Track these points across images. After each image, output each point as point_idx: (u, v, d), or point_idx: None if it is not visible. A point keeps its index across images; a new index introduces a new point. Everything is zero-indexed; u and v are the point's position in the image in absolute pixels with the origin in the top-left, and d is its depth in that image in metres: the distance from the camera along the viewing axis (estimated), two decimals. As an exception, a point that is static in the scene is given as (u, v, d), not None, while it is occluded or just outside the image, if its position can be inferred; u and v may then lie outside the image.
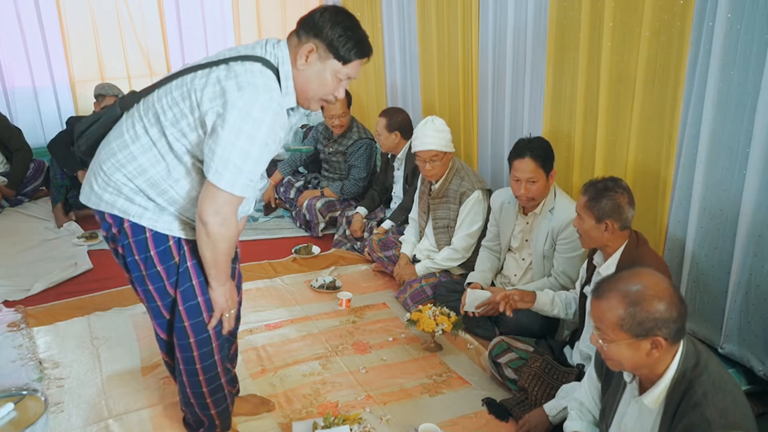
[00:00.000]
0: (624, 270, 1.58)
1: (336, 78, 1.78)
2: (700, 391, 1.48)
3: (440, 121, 3.23)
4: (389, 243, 3.69)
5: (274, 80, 1.71)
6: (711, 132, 2.28)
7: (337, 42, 1.73)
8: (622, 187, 2.21)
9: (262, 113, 1.64)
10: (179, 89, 1.72)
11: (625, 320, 1.48)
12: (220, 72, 1.67)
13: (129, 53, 5.52)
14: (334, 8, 1.77)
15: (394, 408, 2.48)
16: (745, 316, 2.31)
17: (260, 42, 1.79)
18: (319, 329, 3.06)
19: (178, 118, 1.72)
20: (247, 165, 1.67)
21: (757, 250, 2.22)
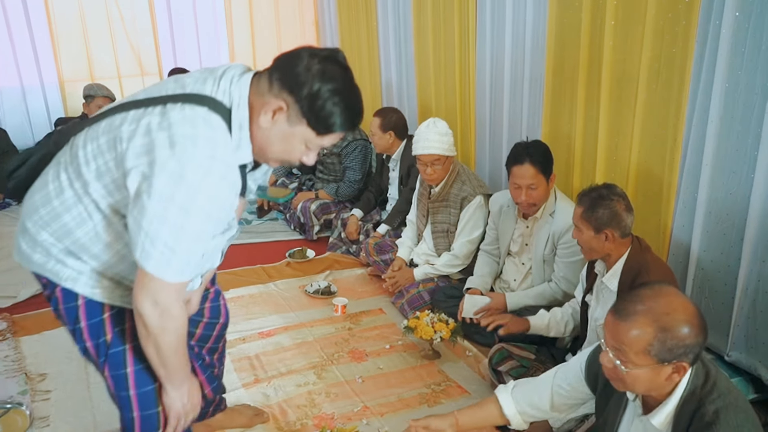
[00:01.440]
0: (645, 287, 1.48)
1: (306, 146, 1.41)
2: (712, 410, 1.41)
3: (443, 123, 3.14)
4: (385, 246, 3.62)
5: (221, 130, 1.34)
6: (717, 133, 2.22)
7: (317, 109, 1.33)
8: (617, 194, 2.14)
9: (200, 176, 1.28)
10: (106, 135, 1.37)
11: (653, 346, 1.39)
12: (153, 118, 1.32)
13: (119, 52, 5.44)
14: (329, 58, 1.34)
15: (391, 419, 2.41)
16: (752, 324, 2.25)
17: (216, 72, 1.40)
18: (314, 337, 2.98)
19: (102, 171, 1.37)
20: (181, 244, 1.32)
21: (766, 255, 2.15)
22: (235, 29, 5.73)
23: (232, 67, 1.42)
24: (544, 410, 1.84)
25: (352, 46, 5.12)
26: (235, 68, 1.42)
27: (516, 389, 1.88)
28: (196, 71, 1.46)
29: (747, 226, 2.19)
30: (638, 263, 2.12)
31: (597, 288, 2.29)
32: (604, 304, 2.24)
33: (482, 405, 1.90)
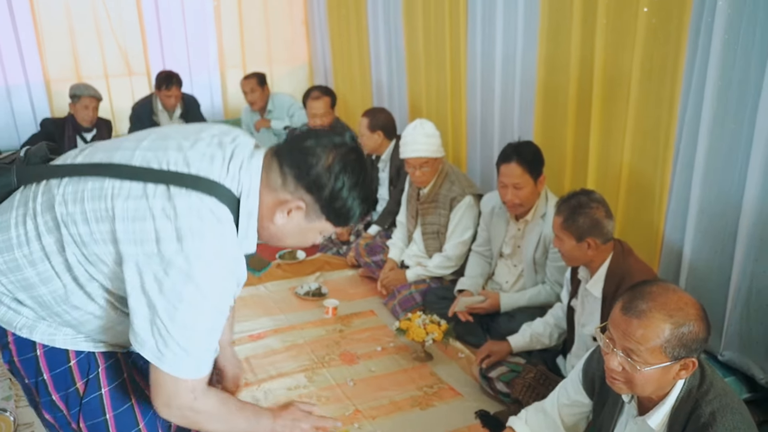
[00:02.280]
0: (650, 284, 1.45)
1: (320, 234, 1.38)
2: (708, 411, 1.40)
3: (429, 124, 3.11)
4: (376, 248, 3.59)
5: (229, 223, 1.25)
6: (710, 132, 2.20)
7: (338, 207, 1.29)
8: (596, 200, 2.13)
9: (209, 276, 1.20)
10: (94, 202, 1.23)
11: (669, 342, 1.36)
12: (155, 202, 1.20)
13: (106, 52, 5.36)
14: (346, 158, 1.28)
15: (383, 423, 2.38)
16: (746, 323, 2.24)
17: (225, 148, 1.28)
18: (305, 339, 2.95)
19: (85, 240, 1.24)
20: (195, 343, 1.24)
21: (759, 254, 2.14)
22: (224, 29, 5.68)
23: (241, 143, 1.31)
24: (558, 430, 1.82)
25: (342, 45, 5.09)
26: (244, 146, 1.31)
27: (529, 415, 1.86)
28: (201, 139, 1.30)
29: (740, 225, 2.17)
30: (621, 269, 2.11)
31: (581, 294, 2.27)
32: (589, 310, 2.23)
33: None
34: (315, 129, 1.38)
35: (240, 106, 5.34)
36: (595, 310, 2.20)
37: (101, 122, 4.52)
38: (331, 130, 1.36)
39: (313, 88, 4.13)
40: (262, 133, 5.00)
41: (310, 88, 4.18)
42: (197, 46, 5.64)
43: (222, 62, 5.75)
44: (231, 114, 5.83)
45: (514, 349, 2.52)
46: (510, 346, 2.52)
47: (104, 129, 4.54)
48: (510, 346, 2.52)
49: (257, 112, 4.96)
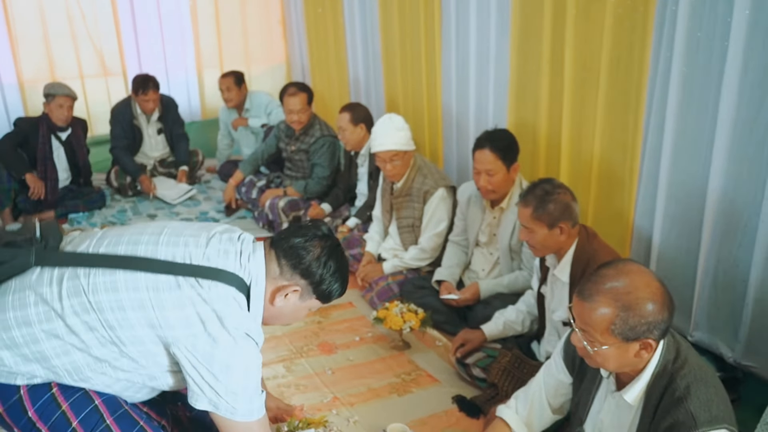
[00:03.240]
0: (608, 266, 1.50)
1: (308, 311, 1.70)
2: (683, 385, 1.44)
3: (399, 118, 3.15)
4: (354, 241, 3.61)
5: (245, 305, 1.55)
6: (676, 118, 2.26)
7: (326, 285, 1.62)
8: (560, 185, 2.19)
9: (246, 343, 1.50)
10: (130, 292, 1.46)
11: (616, 325, 1.41)
12: (191, 293, 1.47)
13: (82, 52, 5.31)
14: (329, 249, 1.61)
15: (361, 409, 2.39)
16: (713, 303, 2.30)
17: (235, 247, 1.57)
18: (283, 331, 2.95)
19: (120, 323, 1.46)
20: (249, 392, 1.54)
21: (725, 235, 2.20)
22: (200, 29, 5.66)
23: (246, 239, 1.62)
24: (546, 415, 1.85)
25: (319, 43, 5.11)
26: (248, 241, 1.62)
27: (519, 403, 1.88)
28: (214, 239, 1.58)
29: (706, 208, 2.23)
30: (587, 253, 2.15)
31: (550, 281, 2.31)
32: (559, 296, 2.27)
33: (492, 431, 1.88)
34: (299, 224, 1.68)
35: (218, 105, 5.33)
36: (564, 296, 2.24)
37: (76, 121, 4.48)
38: (314, 224, 1.67)
39: (289, 85, 4.14)
40: (239, 132, 5.00)
41: (287, 84, 4.18)
42: (174, 46, 5.62)
43: (199, 62, 5.73)
44: (208, 114, 5.82)
45: (488, 338, 2.55)
46: (484, 334, 2.55)
47: (79, 128, 4.50)
48: (484, 335, 2.55)
49: (234, 110, 4.96)
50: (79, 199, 4.45)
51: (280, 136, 4.35)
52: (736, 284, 2.20)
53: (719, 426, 1.38)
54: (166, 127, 4.86)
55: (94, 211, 4.48)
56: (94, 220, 4.33)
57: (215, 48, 5.77)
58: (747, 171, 2.08)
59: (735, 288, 2.21)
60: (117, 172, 4.81)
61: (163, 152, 4.96)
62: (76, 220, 4.31)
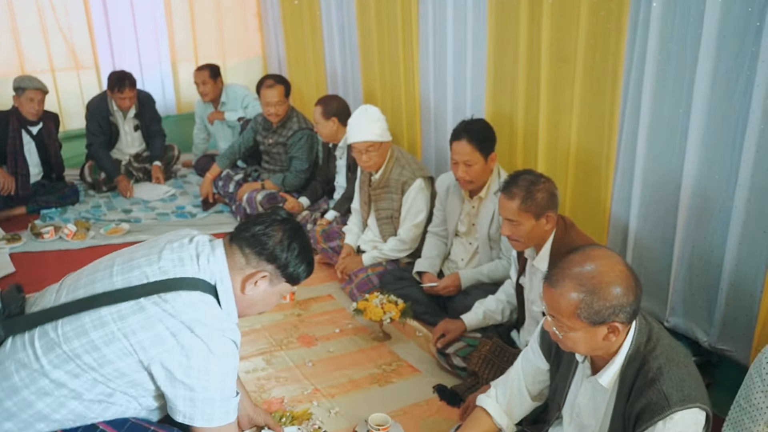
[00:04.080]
0: (575, 252, 1.51)
1: (280, 296, 1.72)
2: (655, 366, 1.45)
3: (374, 109, 3.13)
4: (333, 234, 3.59)
5: (215, 305, 1.57)
6: (651, 106, 2.29)
7: (293, 267, 1.64)
8: (542, 175, 2.19)
9: (221, 345, 1.53)
10: (99, 330, 1.48)
11: (581, 309, 1.42)
12: (155, 310, 1.49)
13: (52, 46, 5.19)
14: (290, 232, 1.65)
15: (342, 400, 2.38)
16: (689, 289, 2.33)
17: (189, 250, 1.60)
18: (262, 324, 2.93)
19: (100, 362, 1.48)
20: (227, 398, 1.59)
21: (699, 221, 2.23)
22: (175, 21, 5.57)
23: (200, 241, 1.64)
24: (526, 403, 1.85)
25: (296, 36, 5.07)
26: (204, 242, 1.64)
27: (498, 392, 1.88)
28: (165, 250, 1.60)
29: (681, 194, 2.26)
30: (565, 243, 2.15)
31: (529, 271, 2.32)
32: (538, 286, 2.27)
33: (474, 421, 1.88)
34: (257, 214, 1.72)
35: (193, 99, 5.26)
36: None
37: (47, 115, 4.38)
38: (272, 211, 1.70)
39: (266, 77, 4.09)
40: (216, 126, 4.94)
41: (264, 76, 4.13)
42: (147, 39, 5.52)
43: (173, 55, 5.64)
44: (184, 108, 5.74)
45: (468, 328, 2.56)
46: (464, 324, 2.56)
47: (51, 122, 4.41)
48: (464, 325, 2.55)
49: (210, 104, 4.90)
50: (51, 195, 4.36)
51: (257, 129, 4.31)
52: (711, 269, 2.23)
53: (691, 405, 1.40)
54: (143, 123, 4.79)
55: (67, 207, 4.39)
56: (66, 216, 4.25)
57: (190, 41, 5.68)
58: (720, 157, 2.11)
59: (710, 273, 2.24)
60: (91, 167, 4.72)
61: (139, 148, 4.88)
62: (48, 216, 4.22)
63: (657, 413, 1.41)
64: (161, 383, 1.52)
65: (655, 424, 1.42)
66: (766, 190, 1.99)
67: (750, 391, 1.54)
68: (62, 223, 4.02)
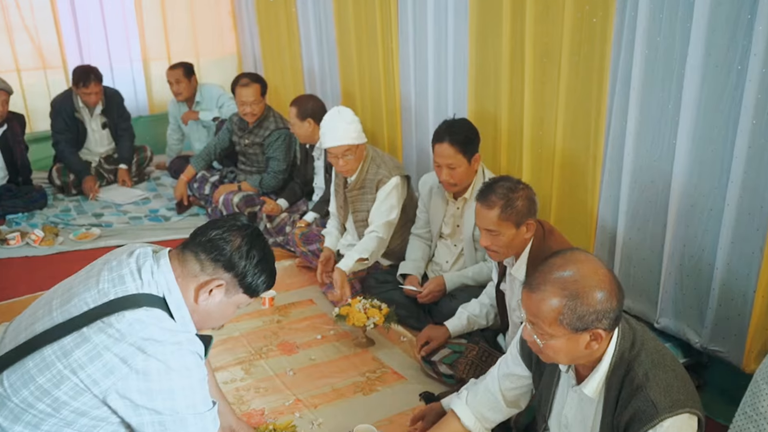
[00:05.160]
0: (556, 255, 1.44)
1: (237, 309, 1.58)
2: (641, 372, 1.40)
3: (347, 111, 3.00)
4: (312, 237, 3.48)
5: (166, 319, 1.43)
6: (640, 102, 2.23)
7: (252, 278, 1.51)
8: (519, 182, 2.11)
9: (182, 362, 1.40)
10: (45, 373, 1.35)
11: (564, 315, 1.36)
12: (99, 338, 1.35)
13: (17, 44, 5.01)
14: (250, 238, 1.52)
15: (326, 410, 2.29)
16: (679, 289, 2.28)
17: (129, 266, 1.46)
18: (240, 332, 2.82)
19: (55, 406, 1.36)
20: (202, 411, 1.46)
21: (690, 220, 2.18)
22: (146, 19, 5.41)
23: (141, 253, 1.50)
24: (499, 408, 1.80)
25: (272, 35, 4.95)
26: (145, 254, 1.50)
27: (469, 396, 1.82)
28: (104, 272, 1.47)
29: (671, 192, 2.21)
30: (543, 250, 2.06)
31: (509, 279, 2.25)
32: (518, 294, 2.19)
33: (442, 425, 1.83)
34: (212, 220, 1.61)
35: (166, 99, 5.11)
36: None
37: (12, 116, 4.22)
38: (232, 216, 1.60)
39: (241, 75, 3.97)
40: (190, 126, 4.80)
41: (239, 75, 4.02)
42: (117, 37, 5.36)
43: (145, 53, 5.48)
44: (157, 108, 5.58)
45: (452, 334, 2.48)
46: (448, 331, 2.48)
47: (16, 124, 4.24)
48: (448, 331, 2.48)
49: (184, 104, 4.75)
50: (18, 199, 4.18)
51: (233, 129, 4.19)
52: (702, 269, 2.19)
53: (681, 410, 1.34)
54: (110, 121, 4.62)
55: (34, 212, 4.22)
56: (34, 221, 4.08)
57: (162, 39, 5.52)
58: (711, 154, 2.06)
59: (701, 273, 2.19)
60: (59, 169, 4.54)
61: (108, 148, 4.72)
62: (15, 221, 4.05)
63: (646, 422, 1.35)
64: (123, 414, 1.39)
65: None
66: (759, 188, 1.95)
67: (756, 399, 1.48)
68: (29, 229, 3.85)
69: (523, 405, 1.84)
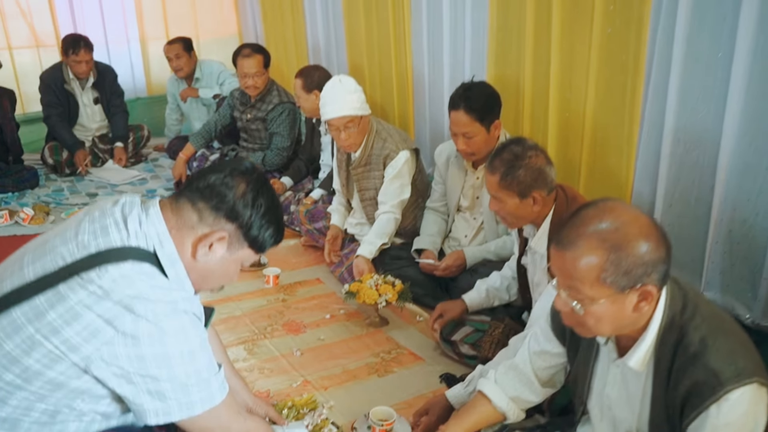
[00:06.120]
0: (587, 207, 1.24)
1: (241, 266, 1.39)
2: (697, 338, 1.19)
3: (349, 80, 2.78)
4: (318, 214, 3.27)
5: (156, 275, 1.24)
6: (685, 52, 2.01)
7: (258, 230, 1.32)
8: (532, 147, 1.89)
9: (176, 321, 1.22)
10: (13, 338, 1.18)
11: (607, 271, 1.16)
12: (79, 295, 1.17)
13: (9, 21, 4.83)
14: (256, 184, 1.33)
15: (337, 393, 2.08)
16: (728, 258, 2.07)
17: (114, 215, 1.26)
18: (242, 311, 2.61)
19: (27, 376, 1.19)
20: (202, 375, 1.28)
21: (742, 181, 1.97)
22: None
23: (127, 202, 1.30)
24: (534, 389, 1.60)
25: (275, 10, 4.75)
26: (132, 203, 1.30)
27: (498, 374, 1.62)
28: (84, 223, 1.27)
29: (720, 151, 1.99)
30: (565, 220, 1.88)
31: (530, 252, 2.06)
32: (540, 268, 2.01)
33: (470, 408, 1.63)
34: (212, 165, 1.41)
35: (165, 80, 4.92)
36: (545, 268, 1.98)
37: (2, 92, 4.05)
38: (234, 159, 1.29)
39: (243, 46, 3.78)
40: (189, 104, 4.59)
41: (241, 45, 3.83)
42: (114, 16, 5.20)
43: (143, 33, 5.31)
44: (155, 90, 5.39)
45: (469, 307, 2.29)
46: (465, 303, 2.29)
47: (5, 100, 4.06)
48: (465, 304, 2.29)
49: (184, 81, 4.54)
50: (7, 178, 3.99)
51: (234, 105, 3.98)
52: (756, 235, 1.97)
53: (748, 380, 1.14)
54: (103, 96, 4.40)
55: (25, 191, 4.03)
56: (24, 200, 3.88)
57: (160, 17, 5.34)
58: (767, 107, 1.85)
59: (754, 240, 1.98)
60: (51, 148, 4.33)
61: (101, 124, 4.50)
62: (4, 201, 3.86)
63: (707, 395, 1.15)
64: (113, 384, 1.21)
65: (707, 410, 1.15)
66: (825, 140, 1.73)
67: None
68: (19, 208, 3.64)
69: (559, 384, 1.64)
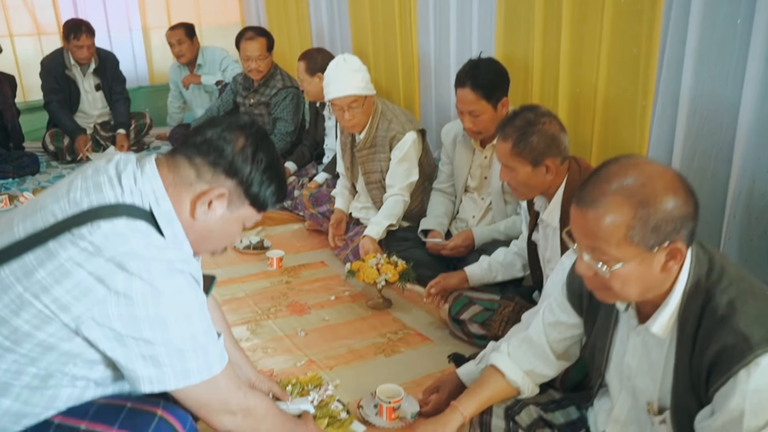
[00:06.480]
0: (609, 163, 1.18)
1: (242, 226, 1.33)
2: (724, 301, 1.12)
3: (354, 59, 2.72)
4: (322, 197, 3.22)
5: (151, 233, 1.18)
6: (702, 18, 1.93)
7: (259, 187, 1.26)
8: (546, 114, 1.85)
9: (171, 281, 1.16)
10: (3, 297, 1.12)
11: (635, 229, 1.09)
12: (69, 252, 1.11)
13: (10, 8, 4.80)
14: (256, 138, 1.27)
15: (342, 372, 2.03)
16: (746, 233, 1.99)
17: (107, 172, 1.21)
18: (246, 292, 2.57)
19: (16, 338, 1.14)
20: (200, 341, 1.21)
21: (761, 152, 1.89)
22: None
23: (122, 159, 1.25)
24: (549, 362, 1.53)
25: None
26: (127, 160, 1.25)
27: (512, 347, 1.55)
28: (77, 180, 1.22)
29: (738, 122, 1.92)
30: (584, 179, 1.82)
31: (541, 226, 2.00)
32: (552, 243, 1.96)
33: (482, 382, 1.57)
34: (211, 119, 1.35)
35: (167, 69, 4.87)
36: (556, 243, 1.93)
37: (3, 78, 4.01)
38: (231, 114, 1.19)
39: (246, 29, 3.73)
40: (191, 91, 4.54)
41: (244, 28, 3.77)
42: (116, 4, 5.18)
43: (145, 21, 5.28)
44: (157, 78, 5.35)
45: (469, 278, 2.24)
46: (465, 274, 2.24)
47: (6, 85, 4.02)
48: (465, 275, 2.24)
49: (186, 67, 4.49)
50: (8, 164, 3.96)
51: (236, 90, 3.92)
52: (777, 208, 1.90)
53: None
54: (104, 83, 4.36)
55: (25, 177, 4.00)
56: (25, 186, 3.86)
57: (163, 5, 5.30)
58: (790, 71, 1.78)
59: (775, 212, 1.91)
60: (53, 134, 4.28)
61: (102, 110, 4.45)
62: (5, 187, 3.83)
63: (736, 360, 1.08)
64: (104, 347, 1.15)
65: (736, 375, 1.08)
66: None
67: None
68: (19, 193, 3.60)
69: (575, 357, 1.57)
